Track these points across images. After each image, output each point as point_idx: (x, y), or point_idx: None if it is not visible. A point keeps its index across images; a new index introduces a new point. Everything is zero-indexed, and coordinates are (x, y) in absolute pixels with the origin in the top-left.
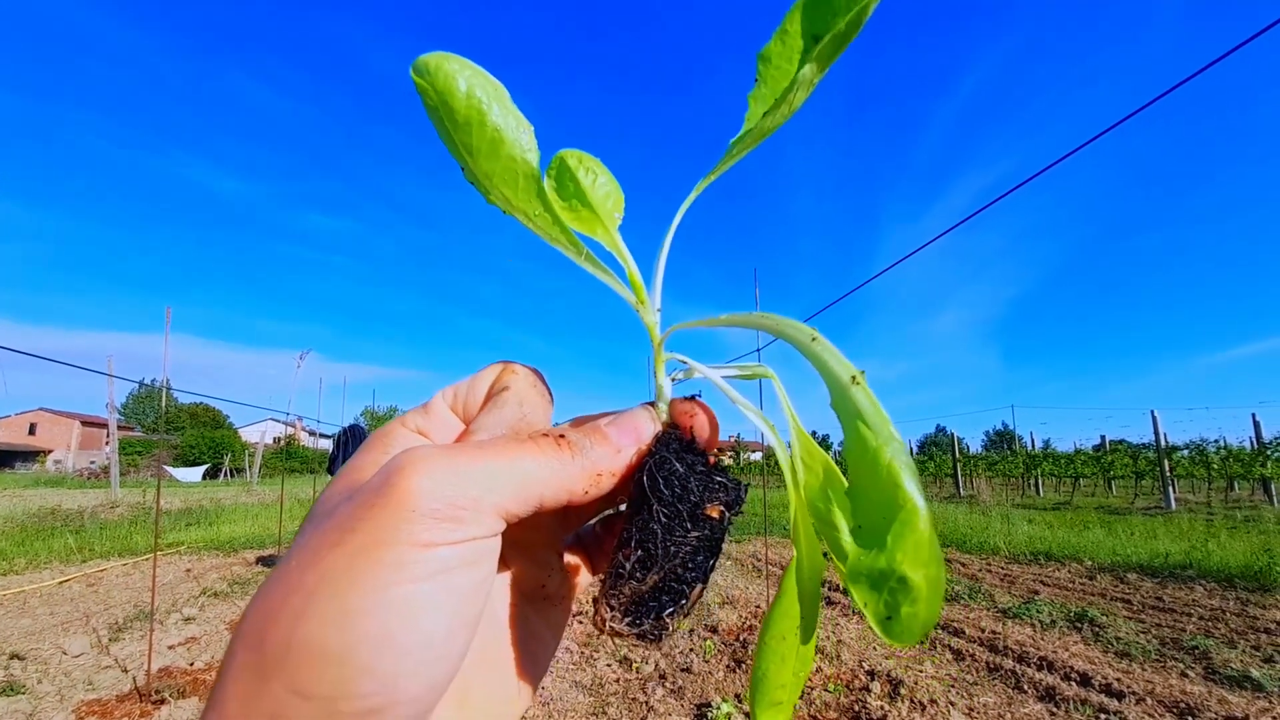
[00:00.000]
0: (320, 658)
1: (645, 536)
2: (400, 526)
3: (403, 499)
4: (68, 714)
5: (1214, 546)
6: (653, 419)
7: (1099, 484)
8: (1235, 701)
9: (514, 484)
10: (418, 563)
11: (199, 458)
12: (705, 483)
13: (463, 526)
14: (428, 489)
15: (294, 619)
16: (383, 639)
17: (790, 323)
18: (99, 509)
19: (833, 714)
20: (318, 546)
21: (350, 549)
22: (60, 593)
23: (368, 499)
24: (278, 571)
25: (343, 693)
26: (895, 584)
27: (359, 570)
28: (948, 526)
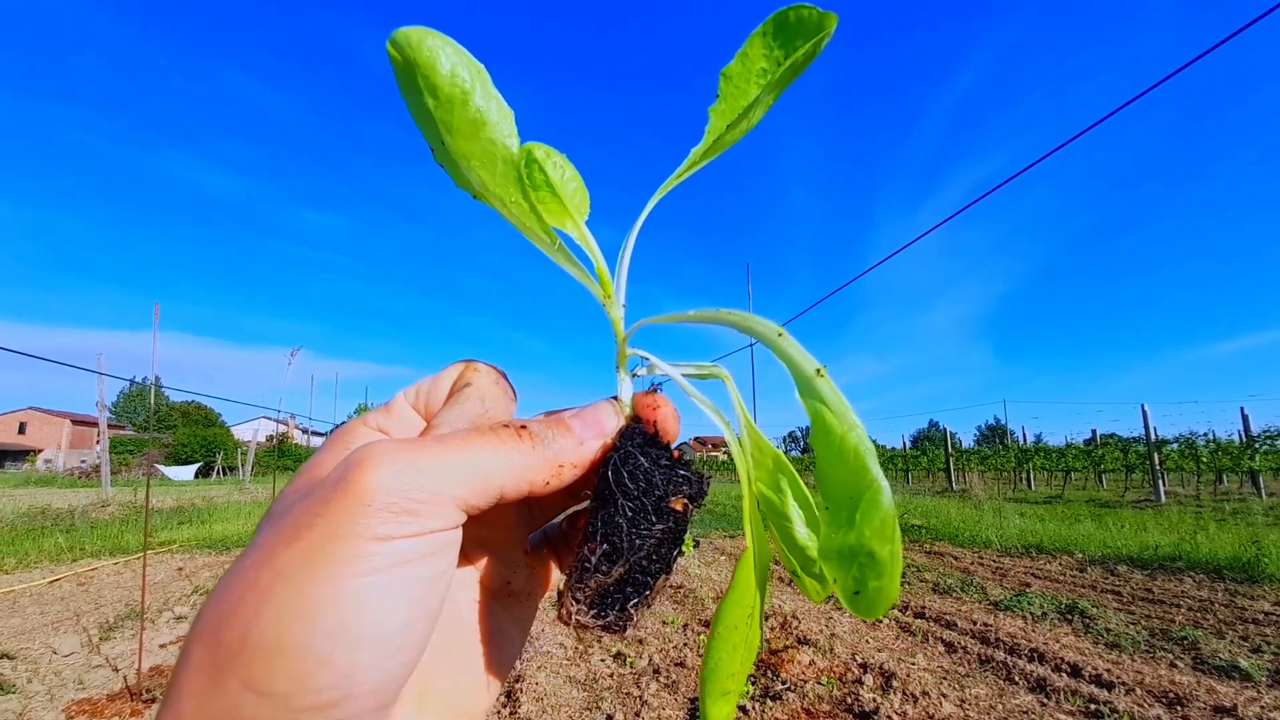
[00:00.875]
0: (276, 652)
1: (610, 530)
2: (356, 520)
3: (359, 493)
4: (58, 713)
5: (1203, 539)
6: (616, 412)
7: (1090, 477)
8: (1223, 691)
9: (473, 475)
10: (374, 555)
11: (191, 456)
12: (669, 476)
13: (420, 519)
14: (384, 482)
15: (250, 615)
16: (339, 631)
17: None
18: (90, 508)
19: (826, 707)
20: (273, 544)
21: (306, 544)
22: (51, 592)
23: (324, 494)
24: (233, 569)
25: (299, 687)
26: (864, 559)
27: (315, 564)
28: (940, 520)
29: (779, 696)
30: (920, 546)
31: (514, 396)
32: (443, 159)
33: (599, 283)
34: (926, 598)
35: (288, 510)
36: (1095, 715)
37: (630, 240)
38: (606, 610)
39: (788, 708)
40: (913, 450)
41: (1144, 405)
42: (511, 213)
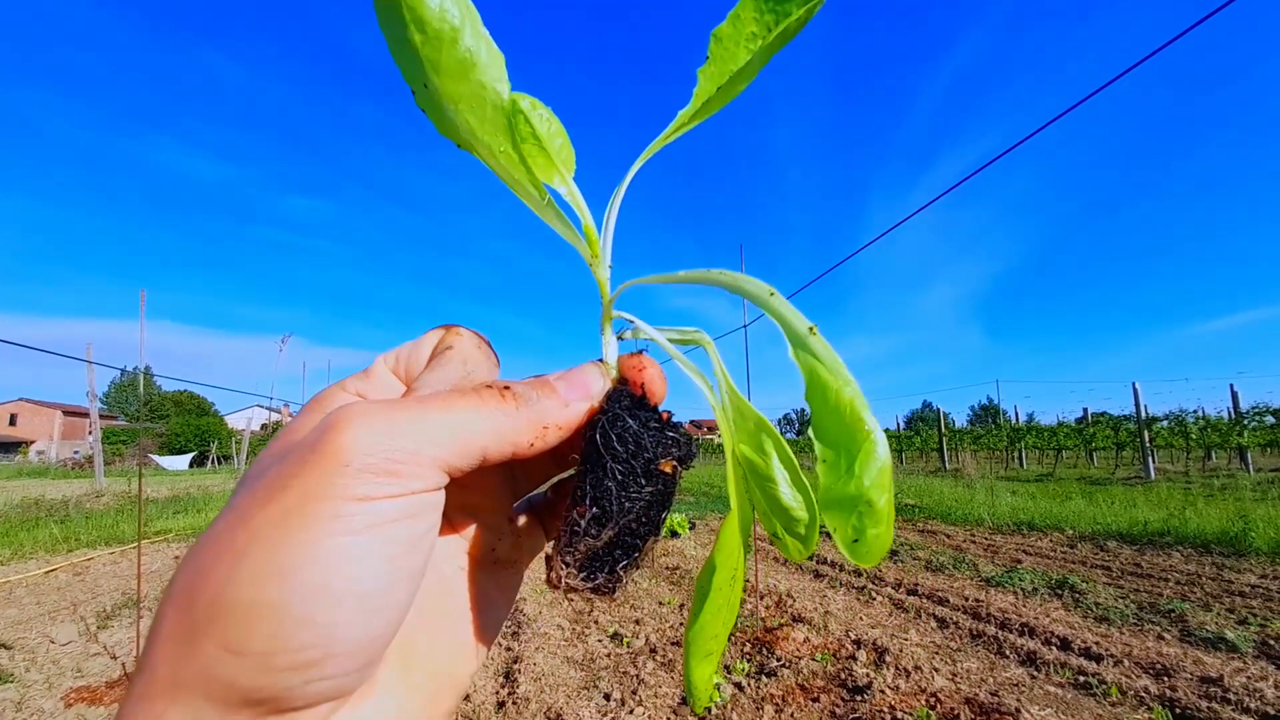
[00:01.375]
0: (254, 612)
1: (600, 494)
2: (334, 481)
3: (336, 453)
4: (57, 701)
5: (1191, 514)
6: (602, 374)
7: (1081, 455)
8: (1210, 662)
9: (454, 436)
10: (354, 515)
11: (185, 446)
12: (659, 438)
13: (401, 480)
14: (363, 442)
15: (225, 577)
16: (319, 590)
17: (747, 279)
18: (84, 499)
19: (820, 682)
20: (247, 505)
21: (281, 505)
22: (47, 582)
23: (300, 455)
24: (206, 534)
25: (278, 646)
26: (863, 507)
27: (293, 525)
28: (933, 499)
29: (774, 673)
30: (913, 525)
31: (497, 362)
32: (426, 102)
33: (586, 241)
34: (919, 575)
35: (262, 473)
36: (1084, 687)
37: (616, 199)
38: (596, 573)
39: (783, 684)
40: (906, 431)
41: (1135, 383)
42: (500, 164)
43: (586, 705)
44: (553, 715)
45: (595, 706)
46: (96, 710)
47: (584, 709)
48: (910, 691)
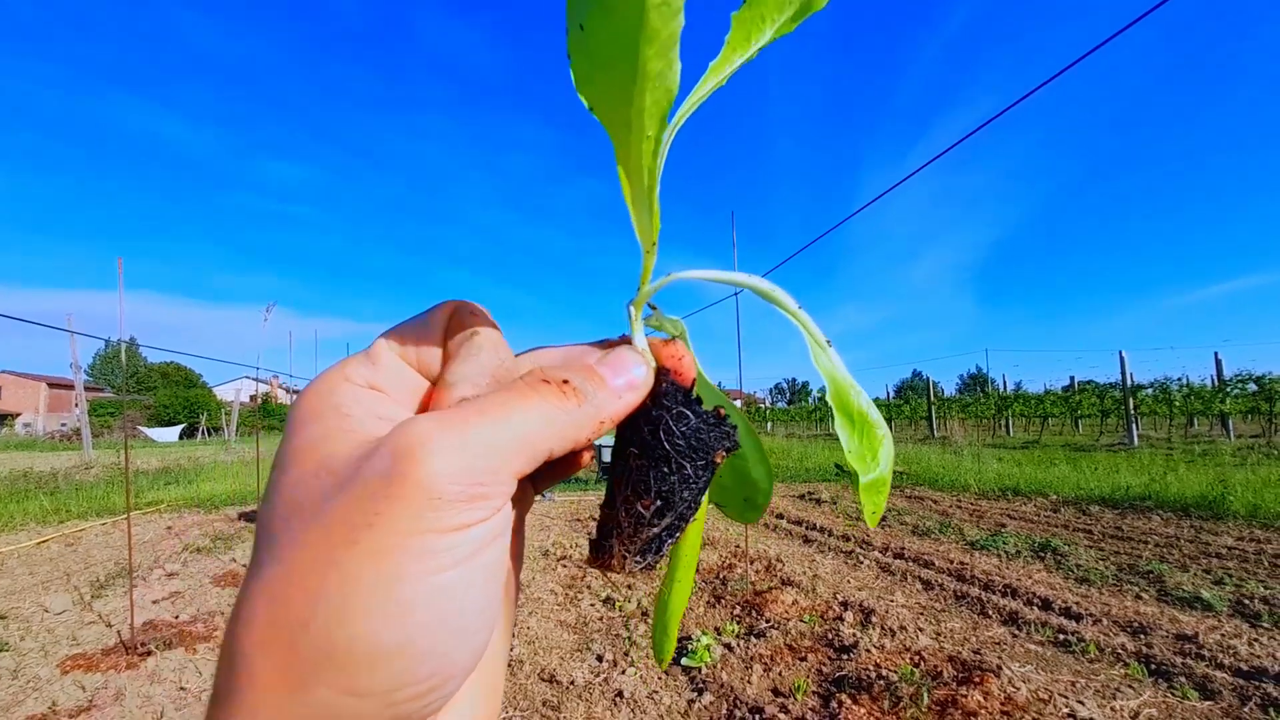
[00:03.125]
0: (375, 654)
1: (665, 487)
2: (426, 515)
3: (421, 485)
4: (53, 669)
5: (1172, 479)
6: (645, 363)
7: (1067, 423)
8: (1186, 620)
9: (525, 442)
10: (454, 547)
11: (174, 417)
12: (715, 432)
13: (488, 501)
14: (447, 471)
15: (334, 622)
16: (436, 625)
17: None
18: (73, 471)
19: (808, 642)
20: (329, 546)
21: (377, 545)
22: (38, 553)
23: (378, 489)
24: (272, 576)
25: (401, 682)
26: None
27: (395, 564)
28: (921, 466)
29: (763, 634)
30: (901, 491)
31: None
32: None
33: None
34: (906, 539)
35: (323, 507)
36: (1064, 645)
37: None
38: (648, 555)
39: (771, 644)
40: (896, 400)
41: (1121, 352)
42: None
43: (579, 666)
44: (546, 676)
45: (588, 667)
46: (92, 677)
47: (577, 670)
48: (895, 650)
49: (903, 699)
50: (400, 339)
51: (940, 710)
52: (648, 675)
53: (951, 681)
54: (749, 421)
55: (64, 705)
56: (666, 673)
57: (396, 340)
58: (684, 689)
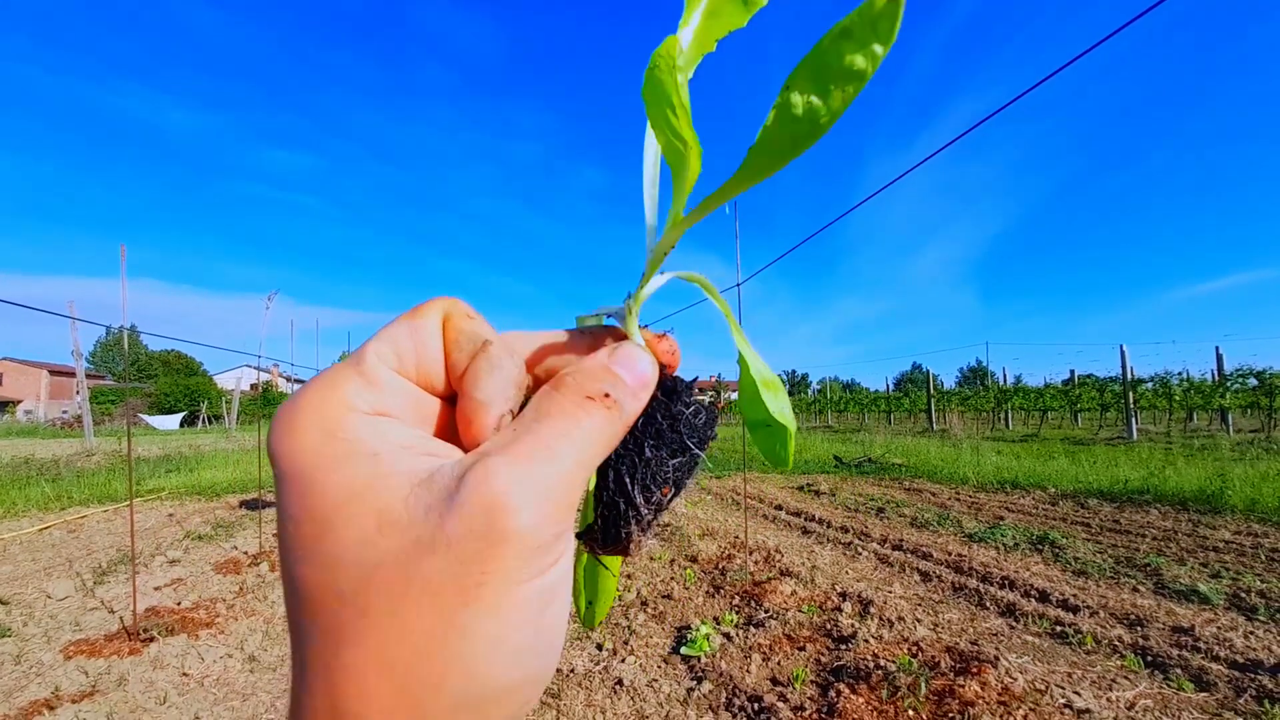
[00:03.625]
0: (501, 694)
1: (679, 475)
2: (528, 564)
3: (520, 539)
4: (56, 654)
5: (1171, 473)
6: (646, 356)
7: (1066, 417)
8: (1182, 613)
9: (585, 469)
10: (550, 583)
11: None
12: (710, 421)
13: (567, 534)
14: (538, 522)
15: (465, 677)
16: (544, 652)
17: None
18: (75, 458)
19: (806, 632)
20: (446, 610)
21: (491, 602)
22: (41, 539)
23: (481, 550)
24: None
25: (520, 709)
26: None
27: (510, 614)
28: (920, 459)
29: (762, 624)
30: (900, 484)
31: None
32: None
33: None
34: (904, 531)
35: (418, 571)
36: (1060, 636)
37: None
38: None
39: (770, 634)
40: (896, 392)
41: (1122, 346)
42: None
43: (579, 655)
44: None
45: (588, 656)
46: (95, 662)
47: (577, 659)
48: (893, 641)
49: (900, 689)
50: (395, 350)
51: (938, 700)
52: (647, 664)
53: (949, 672)
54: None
55: (67, 690)
56: (666, 661)
57: (391, 351)
58: (683, 678)
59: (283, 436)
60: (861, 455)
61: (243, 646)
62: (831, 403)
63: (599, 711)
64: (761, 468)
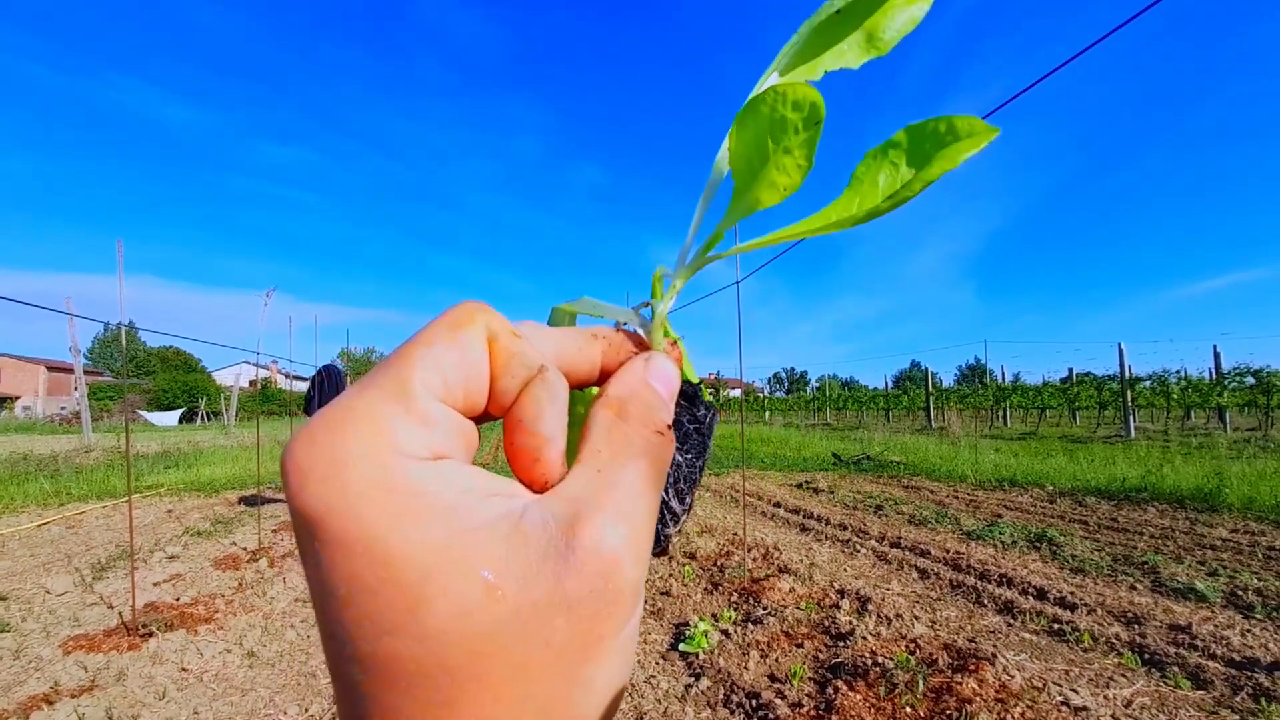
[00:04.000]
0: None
1: (699, 475)
2: (633, 612)
3: (629, 596)
4: (55, 649)
5: (1168, 471)
6: (678, 373)
7: (1064, 415)
8: (1179, 611)
9: (657, 506)
10: (638, 622)
11: (173, 402)
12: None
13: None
14: (639, 575)
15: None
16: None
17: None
18: (73, 454)
19: (804, 629)
20: (570, 668)
21: (606, 655)
22: (39, 535)
23: (600, 610)
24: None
25: None
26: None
27: (619, 660)
28: (918, 456)
29: (760, 621)
30: (898, 481)
31: None
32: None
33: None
34: (903, 528)
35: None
36: (1058, 634)
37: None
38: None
39: (768, 631)
40: (894, 390)
41: (1120, 344)
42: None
43: None
44: None
45: None
46: (94, 657)
47: None
48: (891, 638)
49: (898, 686)
50: (444, 379)
51: (935, 697)
52: (645, 661)
53: (947, 669)
54: None
55: (66, 685)
56: (664, 658)
57: (439, 381)
58: (681, 674)
59: (326, 492)
60: (860, 453)
61: (241, 642)
62: (830, 400)
63: None
64: (760, 465)
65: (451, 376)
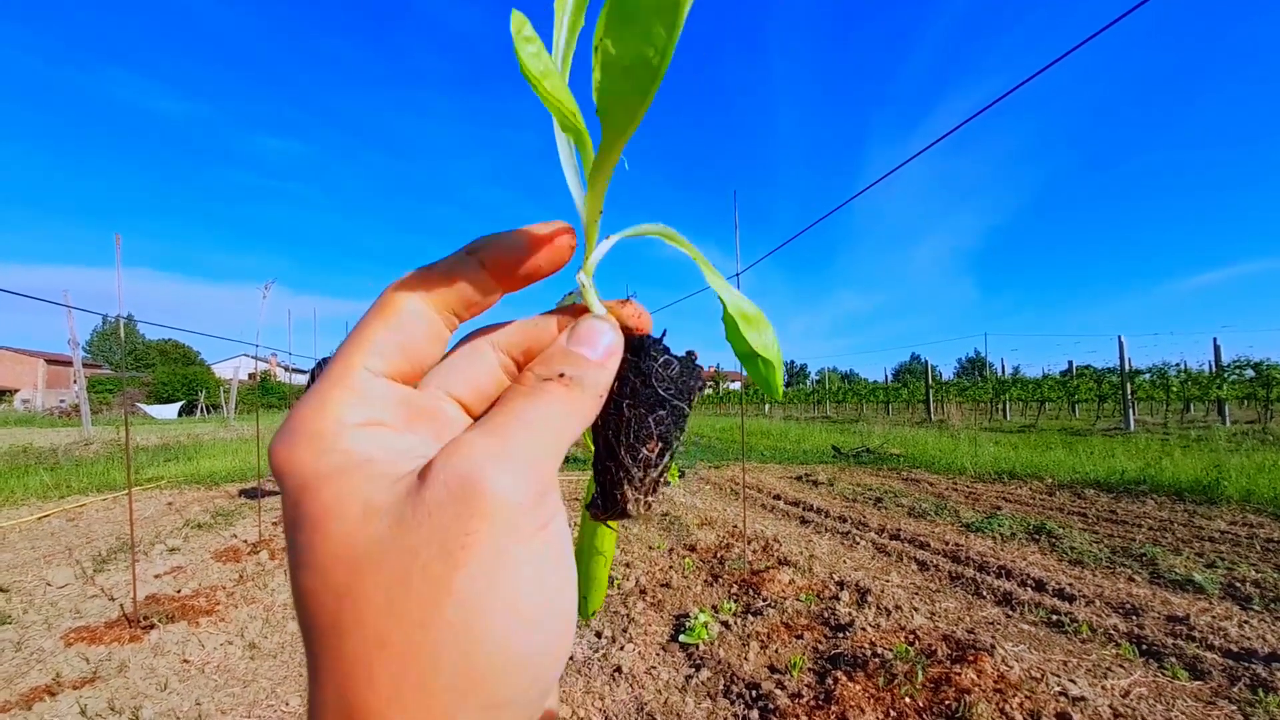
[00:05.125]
0: (509, 663)
1: (663, 429)
2: (514, 525)
3: (498, 498)
4: (56, 641)
5: (1167, 463)
6: (610, 325)
7: (1063, 407)
8: (1177, 602)
9: (556, 440)
10: (544, 548)
11: (173, 395)
12: (693, 372)
13: (548, 499)
14: (509, 482)
15: (465, 645)
16: (549, 620)
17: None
18: (73, 447)
19: (804, 620)
20: (433, 579)
21: (481, 563)
22: (40, 528)
23: (460, 511)
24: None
25: (535, 684)
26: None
27: (505, 575)
28: (918, 449)
29: (760, 613)
30: (898, 474)
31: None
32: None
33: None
34: (902, 521)
35: (400, 547)
36: (1056, 625)
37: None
38: (652, 496)
39: (768, 622)
40: (894, 383)
41: (1120, 336)
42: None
43: (578, 643)
44: None
45: (587, 644)
46: (96, 649)
47: (575, 646)
48: (890, 629)
49: (897, 676)
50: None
51: (934, 688)
52: (646, 651)
53: (945, 660)
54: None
55: (68, 677)
56: (664, 649)
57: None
58: (681, 665)
59: (281, 455)
60: (860, 445)
61: (243, 634)
62: (830, 393)
63: (597, 698)
64: (760, 458)
65: (389, 354)
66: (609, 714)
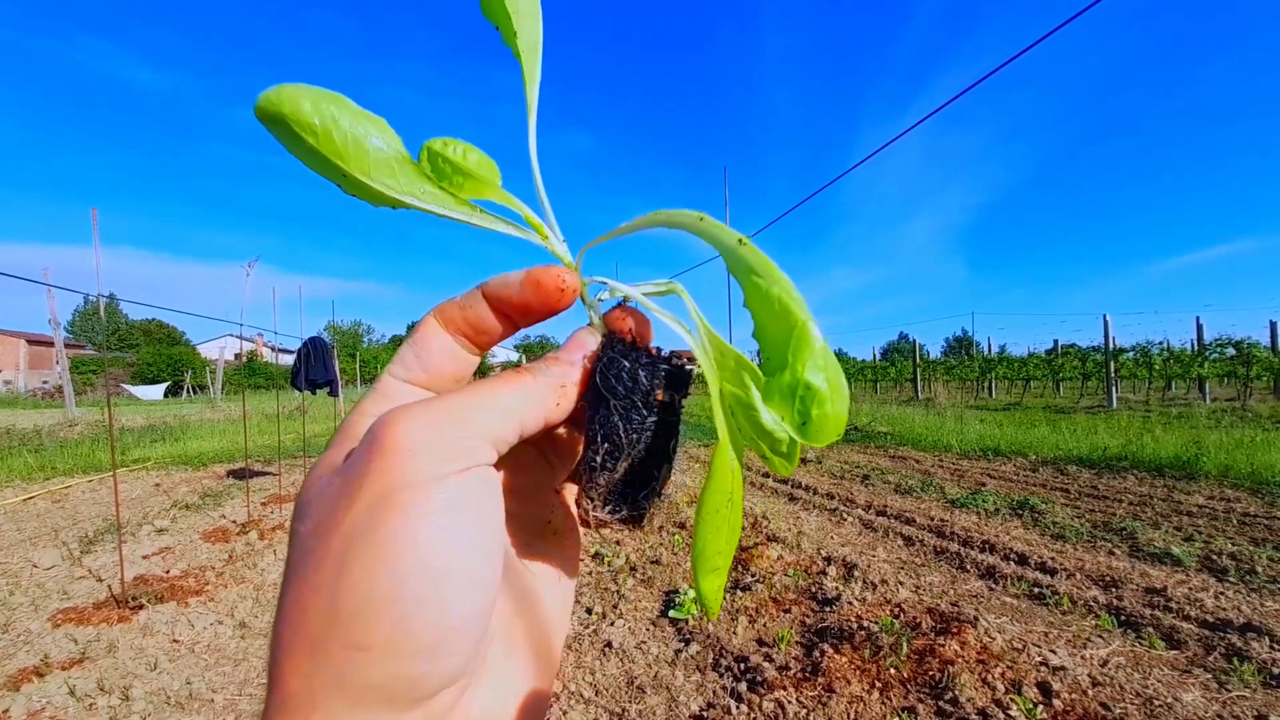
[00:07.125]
0: (371, 605)
1: (609, 429)
2: (406, 467)
3: (398, 444)
4: (44, 622)
5: (1149, 440)
6: (591, 333)
7: (1048, 386)
8: (1155, 575)
9: (496, 415)
10: (435, 496)
11: (158, 375)
12: (651, 371)
13: (464, 455)
14: (419, 430)
15: (334, 582)
16: (425, 570)
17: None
18: (56, 428)
19: (792, 595)
20: (326, 517)
21: (367, 503)
22: (25, 510)
23: (362, 457)
24: (294, 566)
25: (402, 632)
26: (803, 392)
27: (382, 517)
28: (905, 427)
29: (749, 588)
30: (885, 451)
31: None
32: (352, 188)
33: (534, 230)
34: (889, 497)
35: (322, 493)
36: (1038, 597)
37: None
38: (620, 506)
39: (756, 597)
40: (882, 362)
41: (1105, 315)
42: (429, 205)
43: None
44: None
45: (577, 619)
46: (84, 630)
47: None
48: (876, 603)
49: (883, 648)
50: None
51: (919, 659)
52: (635, 627)
53: (930, 632)
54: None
55: (56, 657)
56: (654, 624)
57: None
58: (671, 639)
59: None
60: (848, 423)
61: (233, 613)
62: None
63: (588, 673)
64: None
65: (409, 365)
66: (600, 688)
